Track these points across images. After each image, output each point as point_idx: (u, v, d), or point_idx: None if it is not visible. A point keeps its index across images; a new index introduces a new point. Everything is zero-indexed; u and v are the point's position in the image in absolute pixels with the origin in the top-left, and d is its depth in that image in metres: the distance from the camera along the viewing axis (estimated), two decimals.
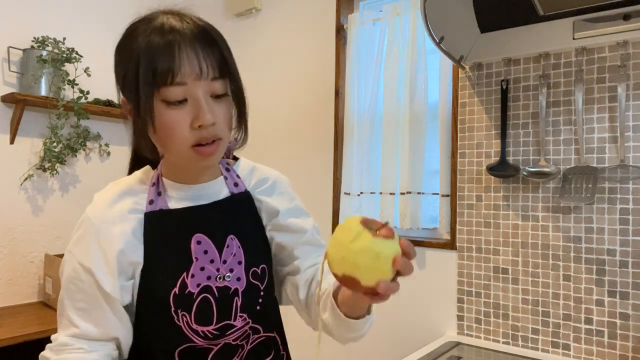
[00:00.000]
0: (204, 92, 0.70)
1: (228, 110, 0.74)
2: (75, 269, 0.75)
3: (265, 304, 0.83)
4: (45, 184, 2.22)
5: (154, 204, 0.79)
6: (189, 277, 0.75)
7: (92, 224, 0.77)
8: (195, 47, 0.70)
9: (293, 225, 0.86)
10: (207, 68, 0.70)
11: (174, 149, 0.73)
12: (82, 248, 0.76)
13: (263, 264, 0.83)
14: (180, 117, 0.70)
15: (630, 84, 1.42)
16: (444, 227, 1.79)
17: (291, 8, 2.29)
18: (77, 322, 0.75)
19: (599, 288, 1.45)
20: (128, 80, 0.72)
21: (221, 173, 0.85)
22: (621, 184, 1.42)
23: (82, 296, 0.75)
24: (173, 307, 0.75)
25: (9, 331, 1.72)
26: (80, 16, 2.35)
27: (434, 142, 1.83)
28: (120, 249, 0.75)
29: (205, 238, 0.78)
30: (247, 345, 0.81)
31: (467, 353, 1.54)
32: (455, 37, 1.53)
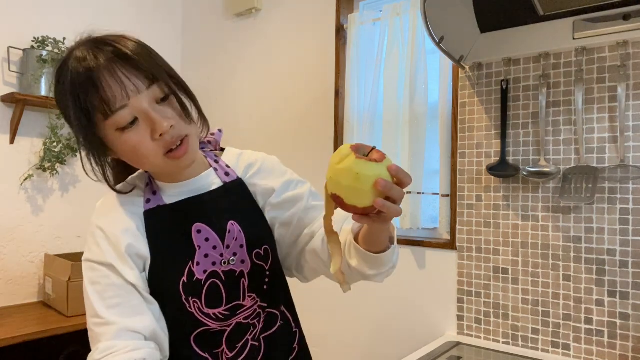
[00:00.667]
0: (148, 104, 0.72)
1: (177, 107, 0.75)
2: (97, 269, 0.77)
3: (271, 282, 0.87)
4: (45, 184, 2.22)
5: (150, 202, 0.82)
6: (194, 266, 0.79)
7: (98, 228, 0.79)
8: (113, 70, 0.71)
9: (289, 198, 0.88)
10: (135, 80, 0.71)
11: (148, 164, 0.76)
12: (96, 251, 0.78)
13: (265, 245, 0.86)
14: (140, 135, 0.72)
15: (630, 84, 1.42)
16: (444, 227, 1.79)
17: (291, 8, 2.29)
18: (114, 319, 0.74)
19: (599, 288, 1.45)
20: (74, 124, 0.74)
21: (210, 165, 0.87)
22: (621, 184, 1.42)
23: (112, 292, 0.75)
24: (184, 295, 0.79)
25: (9, 331, 1.72)
26: (80, 16, 2.35)
27: (434, 142, 1.83)
28: (129, 243, 0.77)
29: (205, 226, 0.81)
30: (259, 324, 0.85)
31: (467, 353, 1.54)
32: (455, 37, 1.53)
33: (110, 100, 0.70)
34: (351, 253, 0.76)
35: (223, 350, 0.82)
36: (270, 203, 0.88)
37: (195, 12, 2.74)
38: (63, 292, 1.93)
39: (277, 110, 2.31)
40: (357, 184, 0.61)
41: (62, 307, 1.94)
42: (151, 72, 0.73)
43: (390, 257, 0.74)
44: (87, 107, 0.71)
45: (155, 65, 0.75)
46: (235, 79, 2.52)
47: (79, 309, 1.92)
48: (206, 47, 2.67)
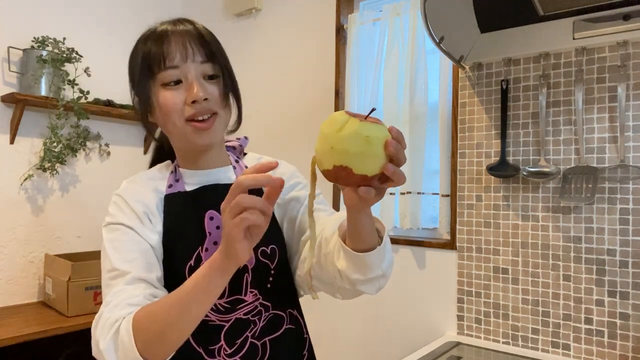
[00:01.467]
0: (195, 73, 0.80)
1: (220, 90, 0.83)
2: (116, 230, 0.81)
3: (276, 282, 0.87)
4: (45, 184, 2.22)
5: (172, 187, 0.87)
6: (203, 251, 0.81)
7: (121, 198, 0.85)
8: (183, 37, 0.80)
9: (295, 197, 0.91)
10: (194, 51, 0.80)
11: (171, 125, 0.81)
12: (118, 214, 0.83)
13: (273, 245, 0.87)
14: (176, 95, 0.79)
15: (630, 84, 1.42)
16: (444, 227, 1.79)
17: (291, 8, 2.29)
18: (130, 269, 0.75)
19: (599, 288, 1.45)
20: (134, 75, 0.83)
21: (230, 163, 0.92)
22: (621, 184, 1.42)
23: (130, 247, 0.78)
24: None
25: (9, 331, 1.72)
26: (80, 16, 2.35)
27: (434, 142, 1.83)
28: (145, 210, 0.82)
29: (217, 214, 0.83)
30: (260, 322, 0.84)
31: (467, 353, 1.54)
32: (455, 37, 1.53)
33: (167, 57, 0.79)
34: (340, 255, 0.74)
35: (222, 346, 0.81)
36: (277, 202, 0.88)
37: (195, 12, 2.74)
38: (63, 292, 1.93)
39: (277, 110, 2.31)
40: (369, 148, 0.54)
41: (62, 307, 1.94)
42: (211, 52, 0.82)
43: (377, 259, 0.71)
44: (150, 57, 0.80)
45: (217, 50, 0.84)
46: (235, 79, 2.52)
47: (79, 309, 1.93)
48: None
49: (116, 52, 2.49)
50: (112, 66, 2.47)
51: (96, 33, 2.41)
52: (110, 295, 0.73)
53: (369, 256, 0.70)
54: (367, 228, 0.69)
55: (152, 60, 0.80)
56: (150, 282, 0.76)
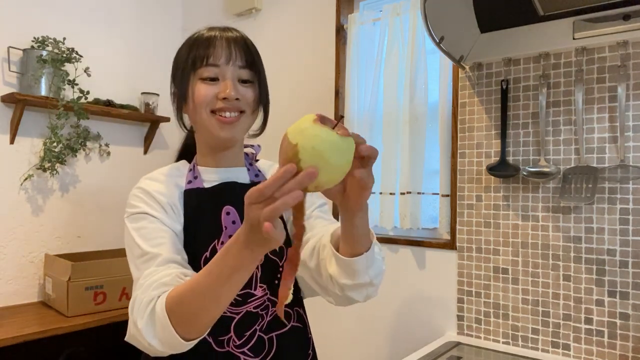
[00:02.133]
0: (232, 75, 0.88)
1: (253, 94, 0.90)
2: (143, 218, 0.84)
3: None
4: (45, 184, 2.22)
5: (191, 184, 0.92)
6: (219, 244, 0.87)
7: (144, 191, 0.89)
8: (229, 43, 0.89)
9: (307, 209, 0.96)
10: (236, 56, 0.88)
11: (200, 117, 0.88)
12: (140, 205, 0.86)
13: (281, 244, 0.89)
14: (209, 89, 0.87)
15: (630, 84, 1.42)
16: (444, 227, 1.79)
17: (291, 8, 2.29)
18: (160, 251, 0.79)
19: (599, 288, 1.45)
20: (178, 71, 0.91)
21: (245, 165, 0.99)
22: (621, 184, 1.42)
23: (157, 234, 0.82)
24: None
25: (9, 331, 1.72)
26: (80, 16, 2.35)
27: (434, 142, 1.83)
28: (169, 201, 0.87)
29: (234, 210, 0.90)
30: (267, 316, 0.89)
31: (467, 353, 1.54)
32: (455, 37, 1.53)
33: (211, 56, 0.87)
34: (332, 260, 0.79)
35: (231, 337, 0.85)
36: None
37: (195, 12, 2.74)
38: (63, 292, 1.93)
39: (277, 109, 2.30)
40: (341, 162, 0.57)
41: (62, 307, 1.94)
42: (251, 60, 0.91)
43: (364, 265, 0.75)
44: (195, 55, 0.88)
45: (256, 59, 0.92)
46: None
47: (79, 309, 1.93)
48: None
49: (116, 53, 2.49)
50: (112, 66, 2.47)
51: (96, 33, 2.41)
52: (143, 278, 0.76)
53: (357, 261, 0.75)
54: (361, 231, 0.72)
55: (197, 58, 0.87)
56: (180, 263, 0.80)
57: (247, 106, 0.89)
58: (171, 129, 2.75)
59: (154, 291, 0.72)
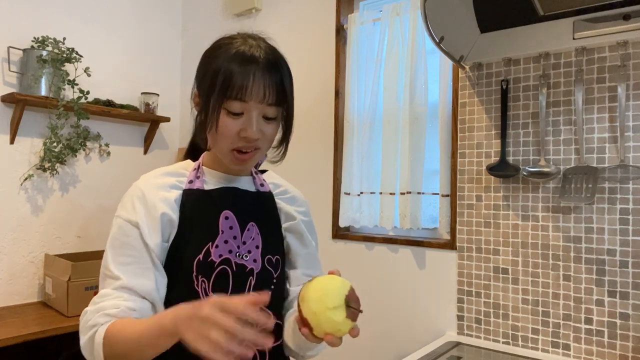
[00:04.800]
0: (257, 113, 0.84)
1: (274, 131, 0.88)
2: (121, 227, 0.85)
3: (276, 292, 0.92)
4: (45, 184, 2.22)
5: (192, 184, 0.91)
6: (213, 247, 0.86)
7: (139, 189, 0.88)
8: (264, 76, 0.83)
9: (305, 235, 0.99)
10: (268, 95, 0.83)
11: (219, 147, 0.87)
12: (128, 208, 0.86)
13: (277, 256, 0.94)
14: (234, 125, 0.84)
15: (630, 84, 1.42)
16: (444, 227, 1.79)
17: (291, 8, 2.29)
18: (121, 275, 0.81)
19: (599, 288, 1.45)
20: (206, 82, 0.85)
21: (251, 173, 0.99)
22: (621, 184, 1.42)
23: (127, 251, 0.83)
24: (195, 271, 0.84)
25: (9, 331, 1.72)
26: (80, 16, 2.35)
27: (434, 142, 1.83)
28: (164, 211, 0.85)
29: (232, 215, 0.90)
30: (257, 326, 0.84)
31: (467, 353, 1.54)
32: (455, 37, 1.53)
33: (243, 90, 0.82)
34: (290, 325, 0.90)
35: None
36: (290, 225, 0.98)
37: (195, 12, 2.74)
38: (63, 292, 1.93)
39: None
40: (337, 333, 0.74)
41: (62, 307, 1.94)
42: (282, 97, 0.86)
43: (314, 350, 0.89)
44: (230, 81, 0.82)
45: (288, 93, 0.87)
46: None
47: (79, 309, 1.92)
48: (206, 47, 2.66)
49: (116, 52, 2.49)
50: (112, 66, 2.47)
51: (96, 33, 2.41)
52: (99, 297, 0.81)
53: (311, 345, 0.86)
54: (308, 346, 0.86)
55: (230, 85, 0.82)
56: (135, 291, 0.81)
57: (264, 143, 0.88)
58: (171, 129, 2.75)
59: (100, 318, 0.77)
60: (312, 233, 1.02)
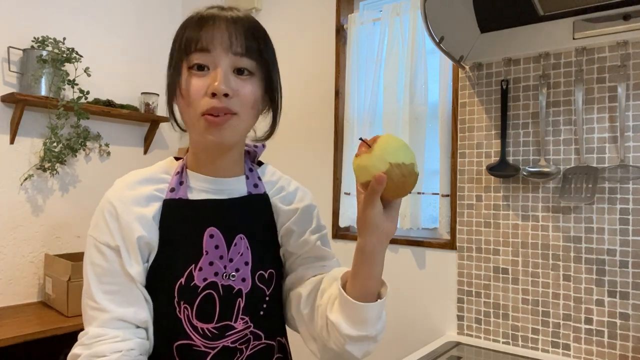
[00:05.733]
0: (225, 65, 0.72)
1: (251, 89, 0.74)
2: (100, 251, 0.74)
3: (269, 309, 0.82)
4: (45, 184, 2.22)
5: (174, 192, 0.79)
6: (196, 270, 0.75)
7: (112, 206, 0.76)
8: (227, 25, 0.72)
9: (302, 230, 0.86)
10: (235, 43, 0.72)
11: (188, 116, 0.74)
12: (103, 230, 0.75)
13: (271, 269, 0.82)
14: (199, 83, 0.72)
15: (630, 84, 1.42)
16: (444, 227, 1.79)
17: (291, 8, 2.29)
18: (108, 306, 0.72)
19: (599, 288, 1.45)
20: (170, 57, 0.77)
21: (244, 172, 0.85)
22: (621, 184, 1.42)
23: (110, 278, 0.73)
24: (177, 297, 0.75)
25: (9, 331, 1.72)
26: (80, 16, 2.35)
27: (434, 142, 1.83)
28: (140, 234, 0.74)
29: (218, 232, 0.78)
30: (247, 350, 0.79)
31: (467, 353, 1.54)
32: (455, 37, 1.53)
33: (202, 40, 0.72)
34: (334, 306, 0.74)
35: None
36: (287, 227, 0.85)
37: None
38: (63, 292, 1.93)
39: None
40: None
41: (62, 307, 1.94)
42: (254, 48, 0.74)
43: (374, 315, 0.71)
44: (186, 38, 0.73)
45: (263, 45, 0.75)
46: None
47: (78, 309, 1.92)
48: None
49: (116, 52, 2.49)
50: (112, 66, 2.47)
51: (96, 33, 2.41)
52: (92, 337, 0.71)
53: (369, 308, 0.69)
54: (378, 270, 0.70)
55: (187, 42, 0.73)
56: (127, 321, 0.73)
57: (239, 105, 0.73)
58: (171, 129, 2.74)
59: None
60: (311, 221, 0.87)
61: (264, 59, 0.75)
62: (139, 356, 0.72)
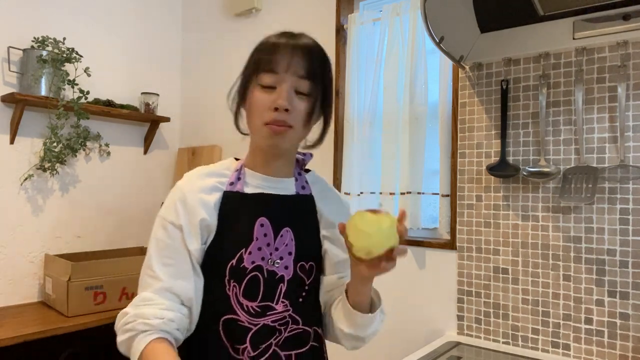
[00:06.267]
0: (289, 85, 0.86)
1: (306, 108, 0.88)
2: (166, 228, 0.88)
3: (308, 298, 0.93)
4: (45, 184, 2.22)
5: (233, 186, 0.92)
6: (246, 254, 0.87)
7: (181, 192, 0.90)
8: (294, 51, 0.87)
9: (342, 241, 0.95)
10: (299, 67, 0.86)
11: (253, 123, 0.89)
12: (171, 210, 0.89)
13: (311, 262, 0.94)
14: (266, 98, 0.86)
15: (630, 84, 1.42)
16: (444, 227, 1.79)
17: (291, 8, 2.29)
18: (162, 276, 0.85)
19: (599, 288, 1.45)
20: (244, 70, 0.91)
21: (293, 175, 0.98)
22: (621, 184, 1.42)
23: (168, 252, 0.86)
24: (227, 275, 0.87)
25: (9, 331, 1.72)
26: (80, 16, 2.35)
27: (434, 142, 1.83)
28: (202, 217, 0.87)
29: (268, 223, 0.90)
30: (285, 332, 0.89)
31: (467, 353, 1.54)
32: (455, 37, 1.53)
33: (272, 63, 0.86)
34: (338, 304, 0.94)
35: (246, 348, 0.86)
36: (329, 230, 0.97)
37: (195, 12, 2.74)
38: (63, 292, 1.93)
39: None
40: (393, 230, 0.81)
41: (62, 307, 1.94)
42: (314, 72, 0.88)
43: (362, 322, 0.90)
44: (259, 59, 0.88)
45: (322, 72, 0.90)
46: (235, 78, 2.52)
47: (79, 309, 1.93)
48: (206, 47, 2.67)
49: (116, 52, 2.49)
50: (112, 66, 2.47)
51: (96, 33, 2.41)
52: (142, 300, 0.84)
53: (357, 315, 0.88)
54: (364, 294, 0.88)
55: (260, 62, 0.87)
56: (176, 293, 0.84)
57: (295, 121, 0.87)
58: (171, 129, 2.75)
59: (139, 326, 0.81)
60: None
61: (320, 82, 0.90)
62: (176, 330, 0.82)
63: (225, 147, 2.54)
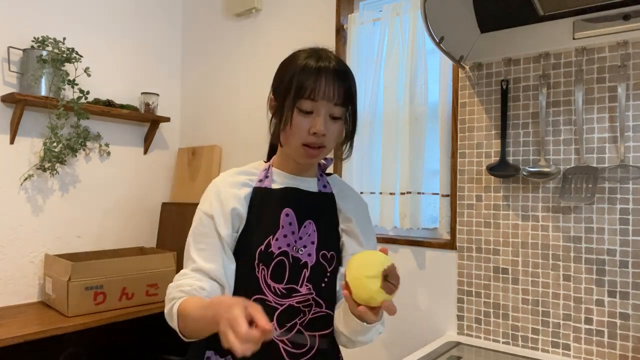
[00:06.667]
0: (325, 111, 0.96)
1: (338, 130, 1.00)
2: (200, 218, 1.00)
3: (329, 284, 1.02)
4: (45, 184, 2.22)
5: (261, 182, 1.04)
6: (273, 240, 0.99)
7: (216, 187, 1.03)
8: (334, 79, 0.96)
9: (360, 236, 1.07)
10: (336, 95, 0.96)
11: (291, 143, 0.99)
12: (207, 203, 1.01)
13: (333, 252, 1.04)
14: (304, 122, 0.96)
15: (630, 84, 1.42)
16: (444, 227, 1.79)
17: (291, 8, 2.29)
18: (196, 259, 0.97)
19: (599, 288, 1.45)
20: (282, 87, 0.99)
21: (316, 175, 1.10)
22: (621, 184, 1.42)
23: (204, 239, 0.99)
24: (257, 259, 0.98)
25: (9, 331, 1.72)
26: (80, 16, 2.35)
27: (434, 142, 1.83)
28: (234, 207, 1.00)
29: (292, 213, 1.01)
30: (309, 314, 0.99)
31: (467, 353, 1.54)
32: (455, 37, 1.53)
33: (315, 90, 0.95)
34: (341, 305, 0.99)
35: (273, 325, 0.92)
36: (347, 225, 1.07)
37: (196, 12, 2.74)
38: (63, 292, 1.93)
39: None
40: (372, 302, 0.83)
41: (62, 307, 1.94)
42: (348, 98, 0.99)
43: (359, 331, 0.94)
44: (303, 82, 0.95)
45: (352, 97, 1.00)
46: (235, 78, 2.52)
47: (79, 309, 1.93)
48: (206, 47, 2.67)
49: (116, 52, 2.49)
50: (112, 66, 2.47)
51: (96, 33, 2.41)
52: (180, 275, 0.97)
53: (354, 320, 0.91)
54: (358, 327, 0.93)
55: (302, 88, 0.95)
56: (206, 273, 0.96)
57: (329, 142, 0.99)
58: (171, 129, 2.75)
59: (177, 293, 0.94)
60: (368, 233, 1.10)
61: (350, 103, 1.01)
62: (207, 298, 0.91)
63: (225, 147, 2.54)
